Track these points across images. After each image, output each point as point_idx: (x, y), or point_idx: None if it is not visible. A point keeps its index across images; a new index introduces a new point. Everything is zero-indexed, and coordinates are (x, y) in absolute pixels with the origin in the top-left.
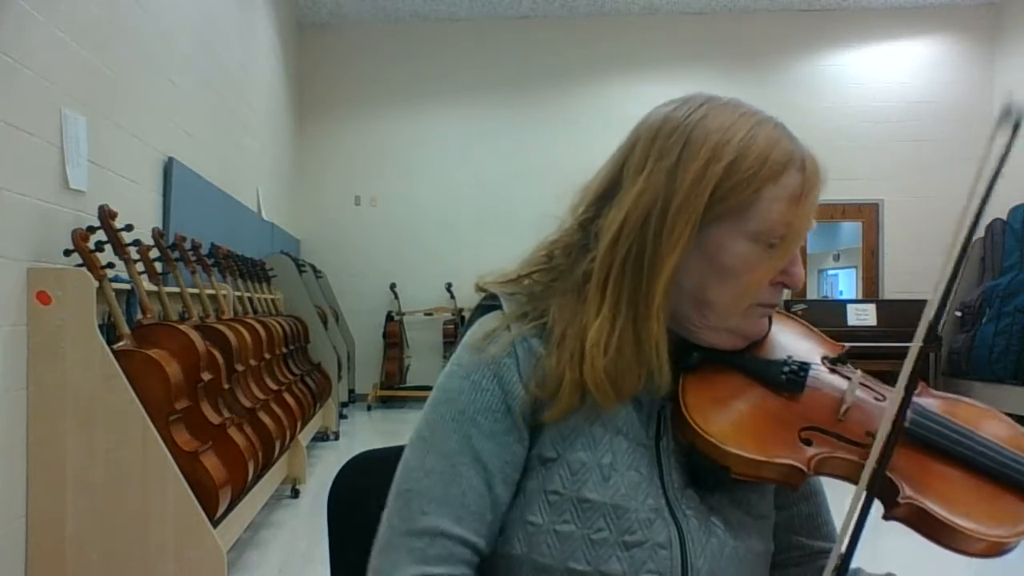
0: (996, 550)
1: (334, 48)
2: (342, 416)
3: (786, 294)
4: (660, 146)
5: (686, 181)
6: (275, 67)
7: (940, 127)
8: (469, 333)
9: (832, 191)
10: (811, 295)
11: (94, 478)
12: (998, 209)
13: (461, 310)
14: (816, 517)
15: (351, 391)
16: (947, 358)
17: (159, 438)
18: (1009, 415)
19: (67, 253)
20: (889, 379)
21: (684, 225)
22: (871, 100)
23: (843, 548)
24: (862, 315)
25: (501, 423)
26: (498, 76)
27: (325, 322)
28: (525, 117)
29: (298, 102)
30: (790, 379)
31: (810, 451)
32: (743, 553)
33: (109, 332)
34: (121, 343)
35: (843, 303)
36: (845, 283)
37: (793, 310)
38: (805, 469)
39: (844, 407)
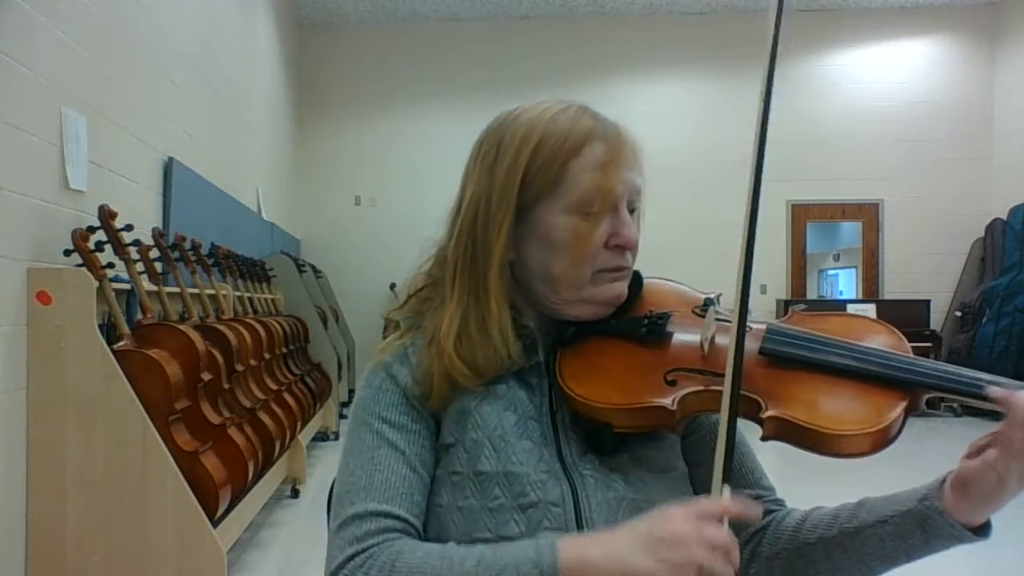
0: (873, 444)
1: (334, 48)
2: (342, 416)
3: (786, 294)
4: (483, 151)
5: (501, 172)
6: (275, 67)
7: (940, 127)
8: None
9: (832, 191)
10: (811, 295)
11: (94, 478)
12: (998, 209)
13: None
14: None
15: (351, 391)
16: (947, 358)
17: (159, 438)
18: None
19: (67, 253)
20: None
21: (505, 211)
22: (871, 100)
23: (720, 468)
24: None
25: (406, 415)
26: (498, 76)
27: (325, 322)
28: None
29: (298, 102)
30: (650, 329)
31: (674, 390)
32: (645, 505)
33: (109, 332)
34: (121, 343)
35: (843, 303)
36: (845, 283)
37: (792, 310)
38: (670, 406)
39: (703, 343)
